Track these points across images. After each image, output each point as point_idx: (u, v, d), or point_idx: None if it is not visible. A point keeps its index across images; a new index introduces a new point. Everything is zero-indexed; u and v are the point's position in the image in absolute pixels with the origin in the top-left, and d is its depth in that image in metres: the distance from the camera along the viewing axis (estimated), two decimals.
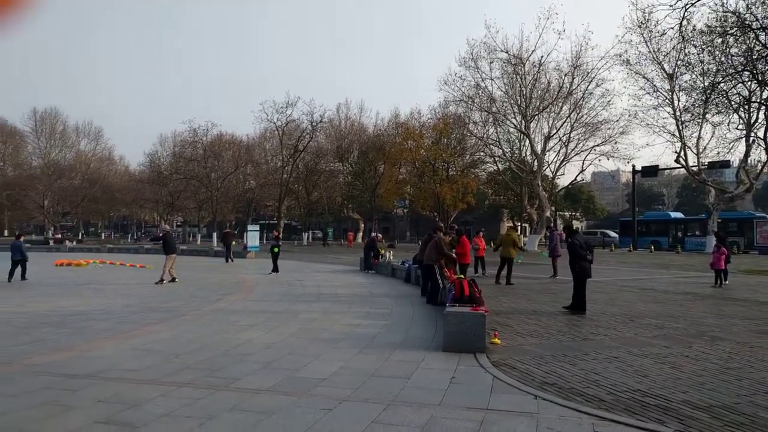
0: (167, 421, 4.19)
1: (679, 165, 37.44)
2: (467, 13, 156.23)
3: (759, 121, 32.09)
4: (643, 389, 5.10)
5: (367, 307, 10.90)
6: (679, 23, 18.26)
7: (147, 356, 6.46)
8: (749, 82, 26.17)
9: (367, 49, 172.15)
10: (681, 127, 34.69)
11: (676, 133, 35.06)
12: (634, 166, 42.90)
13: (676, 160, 36.34)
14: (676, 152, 35.68)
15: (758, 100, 29.04)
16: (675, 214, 45.85)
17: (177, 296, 12.85)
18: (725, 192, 37.12)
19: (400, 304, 11.32)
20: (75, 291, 14.20)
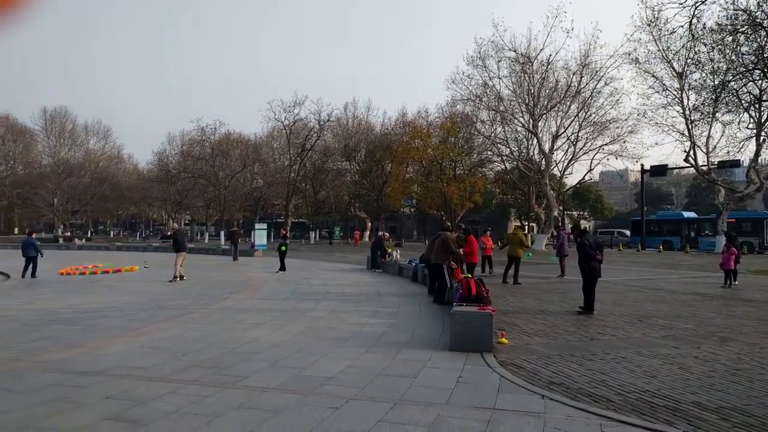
0: (175, 418, 4.21)
1: (688, 164, 37.14)
2: (475, 12, 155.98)
3: None
4: (651, 390, 5.07)
5: (374, 305, 10.90)
6: (689, 21, 18.16)
7: (155, 354, 6.50)
8: (760, 81, 25.86)
9: (374, 48, 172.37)
10: (690, 126, 34.41)
11: (686, 132, 34.79)
12: (642, 165, 42.67)
13: (686, 160, 36.06)
14: (685, 151, 35.42)
15: None
16: (688, 214, 45.39)
17: (185, 294, 12.92)
18: (735, 191, 36.79)
19: (407, 303, 11.32)
20: (85, 288, 14.30)
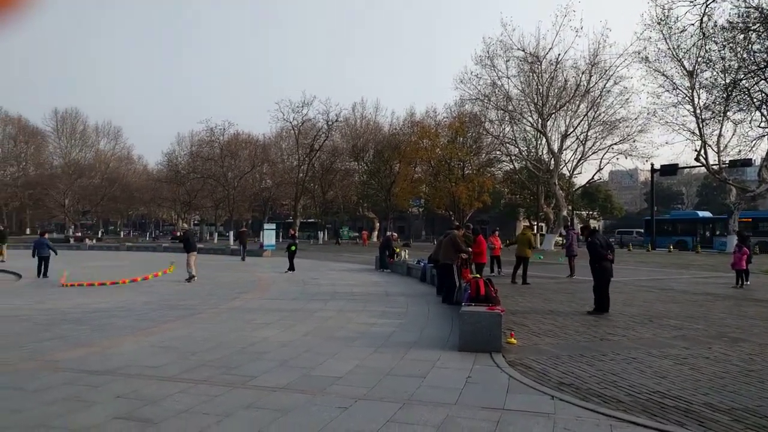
0: (186, 417, 4.24)
1: (699, 163, 36.85)
2: (483, 12, 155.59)
3: None
4: (662, 391, 5.03)
5: (383, 305, 10.91)
6: (700, 19, 18.02)
7: (165, 353, 6.54)
8: None
9: (383, 48, 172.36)
10: (701, 125, 34.10)
11: (696, 131, 34.49)
12: (652, 164, 42.36)
13: (696, 159, 35.76)
14: (696, 150, 35.12)
15: None
16: (703, 214, 44.80)
17: (195, 294, 12.99)
18: (747, 191, 36.42)
19: (415, 303, 11.31)
20: (95, 288, 14.41)
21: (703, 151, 34.80)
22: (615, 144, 39.74)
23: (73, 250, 36.22)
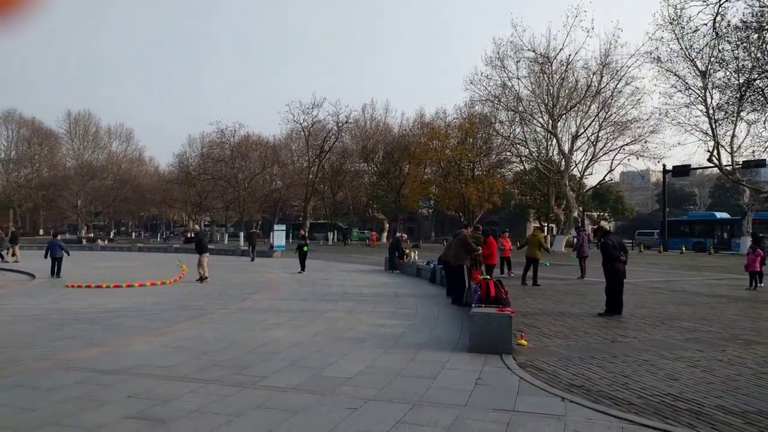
0: (196, 417, 4.26)
1: (712, 164, 36.41)
2: (493, 13, 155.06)
3: None
4: (674, 393, 4.98)
5: (392, 306, 10.90)
6: (713, 19, 17.83)
7: (176, 353, 6.58)
8: None
9: (393, 49, 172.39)
10: (714, 126, 33.69)
11: (709, 131, 34.07)
12: (664, 165, 41.97)
13: (709, 159, 35.32)
14: (708, 151, 34.67)
15: None
16: (720, 215, 44.16)
17: (205, 295, 13.07)
18: (760, 192, 36.03)
19: (425, 304, 11.29)
20: (108, 289, 14.53)
21: (716, 152, 34.39)
22: (626, 145, 39.54)
23: (85, 250, 36.59)
